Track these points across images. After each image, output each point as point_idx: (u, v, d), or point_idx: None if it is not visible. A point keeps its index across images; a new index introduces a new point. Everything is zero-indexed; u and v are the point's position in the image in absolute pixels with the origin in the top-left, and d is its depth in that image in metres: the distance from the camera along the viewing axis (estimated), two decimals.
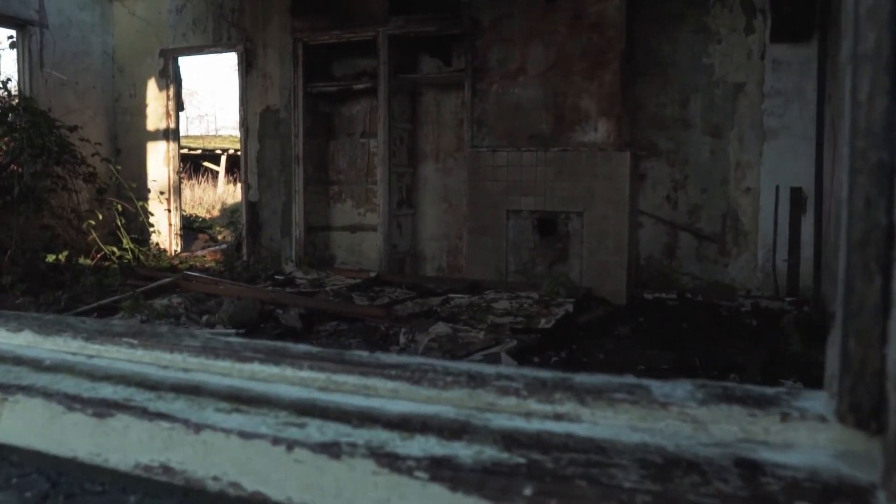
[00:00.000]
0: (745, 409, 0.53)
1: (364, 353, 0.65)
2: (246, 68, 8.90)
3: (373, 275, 7.74)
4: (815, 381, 2.51)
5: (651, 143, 7.27)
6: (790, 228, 6.82)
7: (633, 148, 7.03)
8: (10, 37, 8.54)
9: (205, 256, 9.80)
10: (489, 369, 0.61)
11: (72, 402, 0.63)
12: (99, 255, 7.75)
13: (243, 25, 8.90)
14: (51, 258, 6.82)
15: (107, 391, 0.65)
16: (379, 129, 8.00)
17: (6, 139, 8.09)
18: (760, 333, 5.80)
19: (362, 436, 0.53)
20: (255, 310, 5.82)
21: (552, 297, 6.41)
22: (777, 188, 6.85)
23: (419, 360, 0.63)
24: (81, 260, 7.04)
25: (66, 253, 7.03)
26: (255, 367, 0.65)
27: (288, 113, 8.44)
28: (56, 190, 8.12)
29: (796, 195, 6.80)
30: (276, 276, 8.01)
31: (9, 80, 8.46)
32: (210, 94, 53.20)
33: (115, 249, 8.28)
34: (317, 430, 0.55)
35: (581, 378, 0.58)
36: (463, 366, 0.61)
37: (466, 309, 6.17)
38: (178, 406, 0.61)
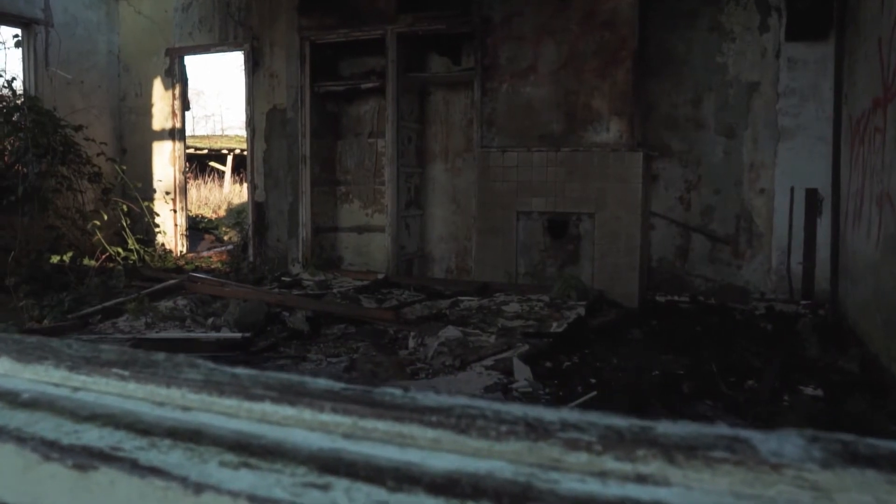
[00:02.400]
0: (881, 474, 0.43)
1: (397, 392, 0.55)
2: (252, 67, 8.81)
3: (380, 276, 7.64)
4: (836, 387, 2.39)
5: (663, 144, 7.15)
6: (805, 230, 6.70)
7: (646, 148, 6.92)
8: (16, 35, 8.46)
9: (211, 257, 9.71)
10: (550, 414, 0.50)
11: (49, 449, 0.53)
12: (104, 256, 7.66)
13: (250, 24, 8.81)
14: (55, 259, 6.73)
15: (91, 436, 0.54)
16: (387, 128, 7.90)
17: (11, 139, 8.02)
18: (776, 337, 5.69)
19: (401, 503, 0.43)
20: (262, 312, 5.72)
21: (563, 299, 6.30)
22: (792, 189, 6.73)
23: (463, 400, 0.53)
24: (86, 261, 6.95)
25: (70, 254, 6.94)
26: (267, 408, 0.55)
27: (295, 112, 8.34)
28: (61, 190, 8.04)
29: (812, 196, 6.67)
30: (283, 278, 7.91)
31: (14, 79, 8.39)
32: (216, 93, 53.28)
33: (120, 250, 8.20)
34: (344, 493, 0.44)
35: (665, 428, 0.47)
36: (518, 410, 0.50)
37: (476, 312, 6.06)
38: (174, 458, 0.50)
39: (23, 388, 0.63)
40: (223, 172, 19.61)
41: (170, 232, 9.60)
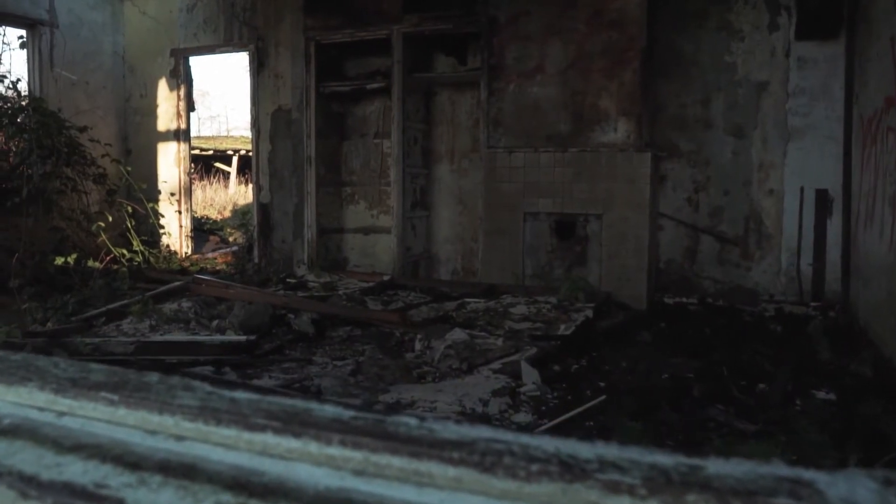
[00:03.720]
0: None
1: (412, 422, 0.49)
2: (257, 68, 8.77)
3: (386, 278, 7.59)
4: (848, 391, 2.33)
5: (672, 144, 7.08)
6: (815, 231, 6.62)
7: (654, 149, 6.86)
8: (21, 37, 8.44)
9: (216, 259, 9.67)
10: (586, 450, 0.45)
11: (27, 486, 0.48)
12: (109, 258, 7.62)
13: (255, 24, 8.76)
14: (59, 261, 6.69)
15: (75, 470, 0.49)
16: (392, 129, 7.85)
17: (15, 140, 7.99)
18: (786, 340, 5.61)
19: None
20: (267, 314, 5.67)
21: (571, 301, 6.24)
22: (802, 190, 6.66)
23: (487, 433, 0.47)
24: (90, 262, 6.91)
25: (74, 255, 6.90)
26: (269, 439, 0.50)
27: (300, 113, 8.30)
28: (65, 191, 8.01)
29: (822, 197, 6.60)
30: (288, 279, 7.86)
31: (19, 80, 8.35)
32: (222, 94, 53.26)
33: (125, 251, 8.16)
34: None
35: (717, 468, 0.42)
36: (550, 445, 0.45)
37: (483, 314, 6.00)
38: (165, 497, 0.45)
39: (4, 412, 0.58)
40: (228, 173, 19.58)
41: (175, 233, 9.57)
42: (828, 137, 6.52)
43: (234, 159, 19.38)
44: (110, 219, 8.11)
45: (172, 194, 9.58)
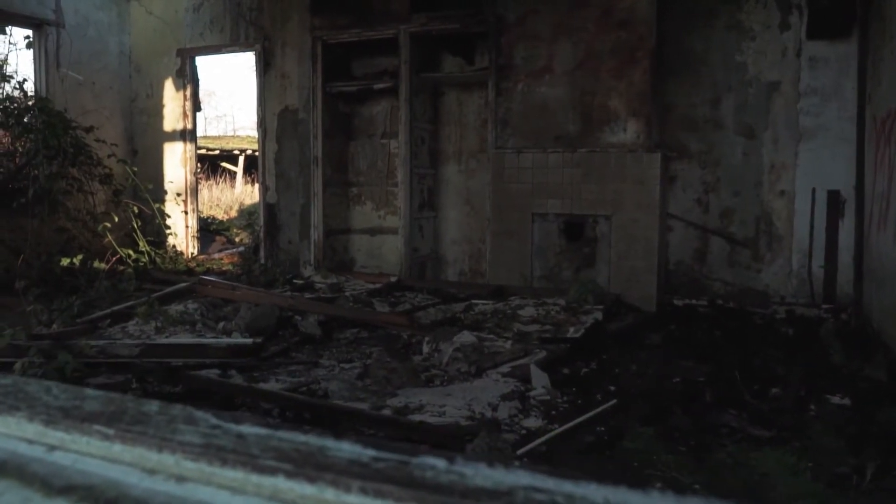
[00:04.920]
0: None
1: (440, 465, 0.44)
2: (264, 68, 8.73)
3: (393, 279, 7.54)
4: (863, 396, 2.26)
5: (681, 145, 7.02)
6: (827, 233, 6.55)
7: (663, 149, 6.79)
8: (27, 37, 8.41)
9: (222, 259, 9.64)
10: (638, 499, 0.39)
11: None
12: (115, 258, 7.59)
13: (261, 24, 8.72)
14: (65, 262, 6.66)
15: None
16: (399, 129, 7.80)
17: (22, 140, 7.96)
18: (798, 343, 5.54)
19: None
20: (273, 316, 5.63)
21: (580, 303, 6.18)
22: (813, 191, 6.58)
23: (526, 478, 0.42)
24: (96, 263, 6.87)
25: (80, 256, 6.87)
26: (280, 483, 0.44)
27: (306, 113, 8.25)
28: (71, 192, 7.98)
29: (834, 198, 6.53)
30: (295, 280, 7.82)
31: (25, 80, 8.33)
32: (229, 94, 53.36)
33: (131, 252, 8.13)
34: None
35: None
36: (598, 495, 0.39)
37: (491, 316, 5.95)
38: None
39: None
40: (235, 173, 19.56)
41: (181, 234, 9.54)
42: (840, 138, 6.44)
43: (241, 159, 19.36)
44: (116, 219, 8.09)
45: (178, 194, 9.54)
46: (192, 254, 9.59)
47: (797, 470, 3.21)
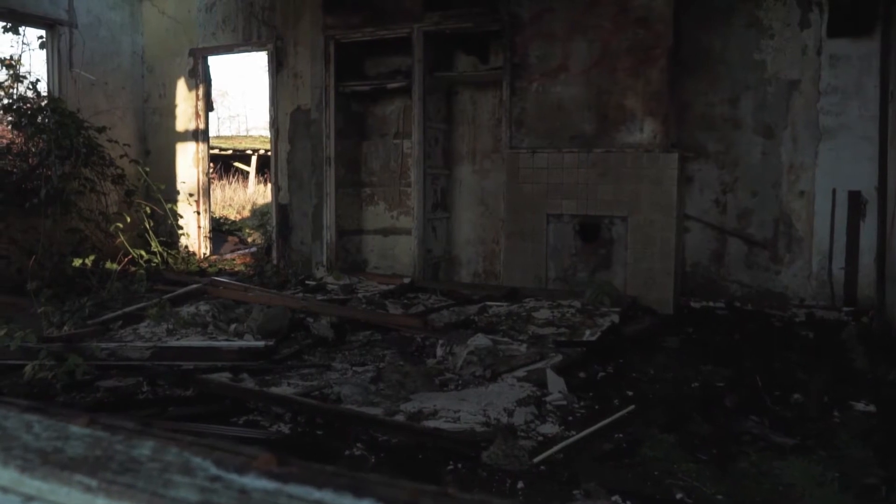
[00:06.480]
0: None
1: None
2: (276, 67, 8.68)
3: (406, 280, 7.47)
4: (888, 403, 2.15)
5: (699, 144, 6.91)
6: (848, 234, 6.43)
7: (680, 149, 6.68)
8: (40, 37, 8.40)
9: (234, 260, 9.60)
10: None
11: None
12: (127, 259, 7.56)
13: (274, 23, 8.67)
14: (77, 262, 6.62)
15: None
16: (413, 129, 7.73)
17: (35, 140, 7.95)
18: (819, 347, 5.43)
19: None
20: (286, 318, 5.57)
21: (596, 306, 6.09)
22: (834, 191, 6.47)
23: None
24: (109, 264, 6.83)
25: (93, 257, 6.83)
26: None
27: (319, 113, 8.19)
28: (84, 192, 7.96)
29: (855, 199, 6.40)
30: (307, 282, 7.77)
31: (38, 80, 8.32)
32: (242, 94, 53.46)
33: (143, 252, 8.10)
34: None
35: None
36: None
37: (505, 318, 5.87)
38: None
39: None
40: (247, 173, 19.55)
41: (193, 234, 9.50)
42: (861, 137, 6.31)
43: (253, 159, 19.33)
44: (129, 220, 8.06)
45: (191, 195, 9.51)
46: (204, 254, 9.55)
47: (823, 480, 3.11)
